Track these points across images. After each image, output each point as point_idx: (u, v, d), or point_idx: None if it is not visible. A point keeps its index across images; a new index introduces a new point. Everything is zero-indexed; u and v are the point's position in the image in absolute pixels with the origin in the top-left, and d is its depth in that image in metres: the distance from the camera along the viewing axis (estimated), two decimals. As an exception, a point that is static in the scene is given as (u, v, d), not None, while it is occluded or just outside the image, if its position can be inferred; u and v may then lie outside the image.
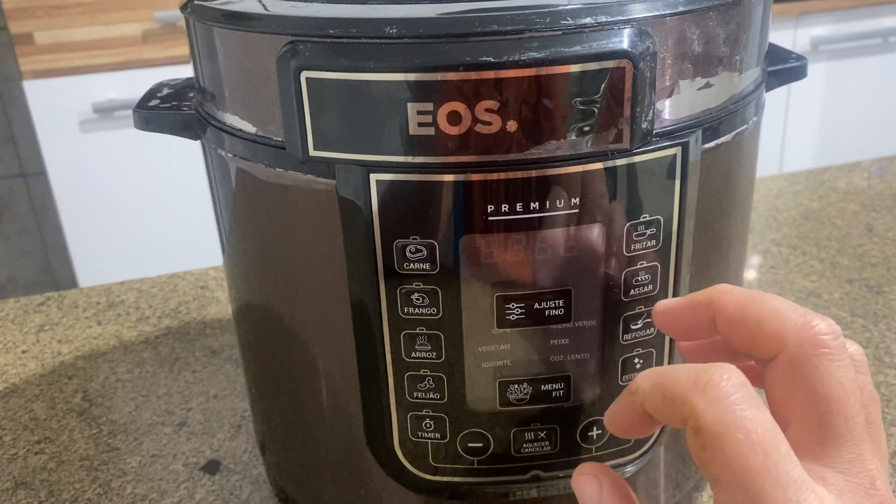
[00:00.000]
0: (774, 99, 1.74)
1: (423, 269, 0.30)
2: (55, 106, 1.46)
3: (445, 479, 0.35)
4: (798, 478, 0.22)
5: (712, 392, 0.23)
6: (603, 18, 0.27)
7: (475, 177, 0.29)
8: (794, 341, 0.24)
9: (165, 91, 0.40)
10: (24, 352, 0.62)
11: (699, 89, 0.31)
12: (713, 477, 0.23)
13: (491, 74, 0.27)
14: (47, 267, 1.88)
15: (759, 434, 0.22)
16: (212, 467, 0.49)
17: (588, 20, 0.27)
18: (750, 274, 0.68)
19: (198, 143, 0.38)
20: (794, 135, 1.81)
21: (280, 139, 0.31)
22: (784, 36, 1.69)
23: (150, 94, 0.40)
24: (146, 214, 1.54)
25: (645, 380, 0.25)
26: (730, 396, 0.23)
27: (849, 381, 0.24)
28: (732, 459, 0.22)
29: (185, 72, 0.38)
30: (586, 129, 0.28)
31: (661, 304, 0.29)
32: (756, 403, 0.23)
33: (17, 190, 1.81)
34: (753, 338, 0.25)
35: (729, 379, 0.23)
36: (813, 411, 0.24)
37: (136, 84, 1.33)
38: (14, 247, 1.85)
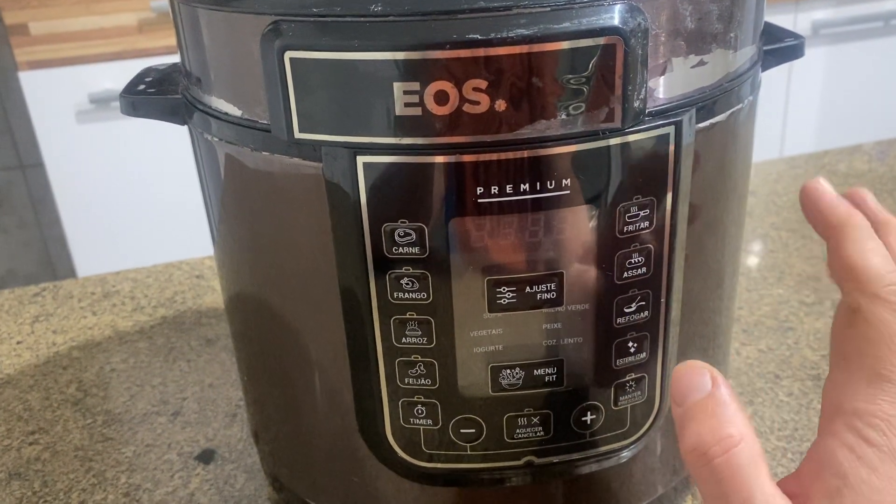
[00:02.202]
0: (775, 82, 1.73)
1: (412, 254, 0.30)
2: (51, 97, 1.45)
3: (439, 465, 0.34)
4: None
5: (888, 294, 0.27)
6: (593, -6, 0.27)
7: (464, 158, 0.28)
8: (867, 285, 0.28)
9: (152, 76, 0.40)
10: (18, 342, 0.62)
11: (693, 67, 0.30)
12: (843, 353, 0.27)
13: (479, 52, 0.26)
14: (46, 258, 1.88)
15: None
16: (206, 456, 0.49)
17: (577, -4, 0.27)
18: (750, 258, 0.68)
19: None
20: (794, 118, 1.80)
21: (266, 122, 0.30)
22: (785, 20, 1.67)
23: (138, 79, 0.40)
24: (143, 204, 1.53)
25: (847, 238, 0.29)
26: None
27: (889, 327, 0.27)
28: (869, 347, 0.27)
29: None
30: (577, 108, 0.28)
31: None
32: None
33: (15, 181, 1.80)
34: (842, 268, 0.29)
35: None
36: (867, 351, 0.27)
37: (132, 74, 1.32)
38: (13, 238, 1.85)
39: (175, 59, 0.38)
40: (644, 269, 0.31)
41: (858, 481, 0.25)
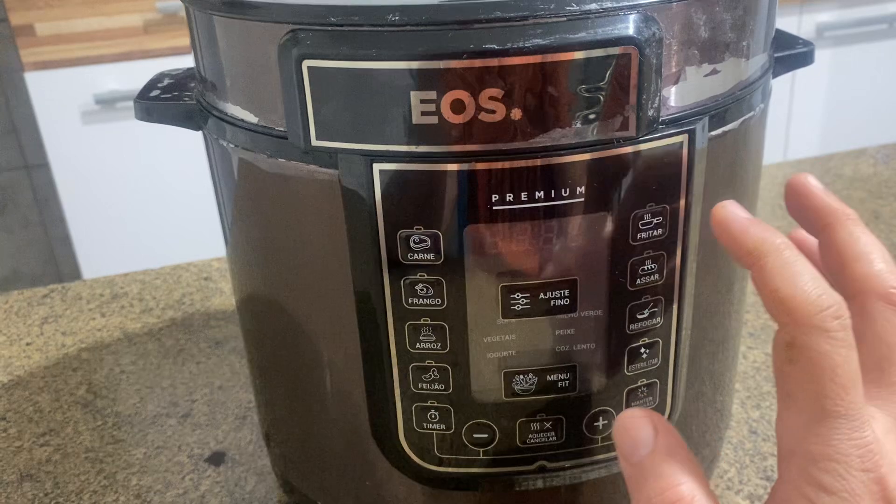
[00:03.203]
0: (779, 86, 1.72)
1: (427, 260, 0.30)
2: (57, 97, 1.45)
3: (451, 470, 0.34)
4: (863, 416, 0.24)
5: (822, 322, 0.24)
6: (608, 4, 0.27)
7: (479, 166, 0.29)
8: (873, 290, 0.27)
9: (166, 81, 0.40)
10: (28, 344, 0.62)
11: (706, 76, 0.30)
12: (787, 391, 0.25)
13: (495, 62, 0.27)
14: (51, 259, 1.88)
15: (843, 371, 0.24)
16: (216, 459, 0.49)
17: (593, 6, 0.27)
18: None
19: (200, 134, 0.38)
20: (799, 122, 1.80)
21: (282, 129, 0.31)
22: (789, 22, 1.68)
23: (151, 84, 0.40)
24: (149, 205, 1.54)
25: (769, 268, 0.26)
26: (834, 332, 0.24)
27: (843, 361, 0.25)
28: (811, 384, 0.24)
29: (187, 62, 0.37)
30: (592, 116, 0.28)
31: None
32: (851, 345, 0.25)
33: (20, 182, 1.81)
34: (842, 270, 0.28)
35: (842, 318, 0.24)
36: (873, 354, 0.26)
37: (137, 75, 1.33)
38: (18, 239, 1.85)
39: (182, 60, 0.38)
40: (657, 276, 0.32)
41: None
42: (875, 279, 0.27)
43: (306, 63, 0.28)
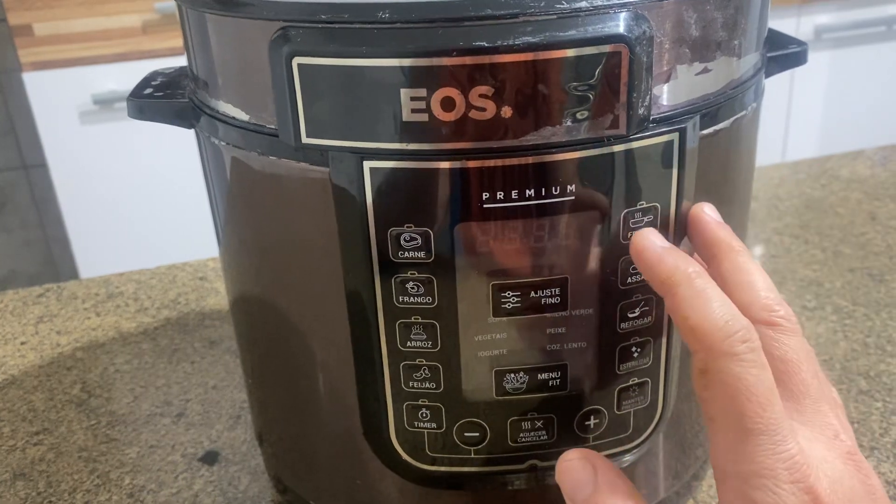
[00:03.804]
0: (777, 87, 1.73)
1: (417, 258, 0.30)
2: (55, 98, 1.45)
3: (442, 468, 0.34)
4: (784, 430, 0.25)
5: (731, 347, 0.25)
6: (599, 2, 0.27)
7: (470, 164, 0.28)
8: (756, 317, 0.28)
9: (159, 80, 0.40)
10: (22, 343, 0.62)
11: (697, 74, 0.30)
12: (709, 416, 0.26)
13: (485, 59, 0.27)
14: (49, 259, 1.88)
15: (757, 389, 0.25)
16: (210, 458, 0.49)
17: (584, 4, 0.27)
18: (751, 263, 0.68)
19: (195, 134, 0.38)
20: (797, 123, 1.80)
21: (273, 127, 0.31)
22: (787, 24, 1.68)
23: (145, 82, 0.40)
24: (147, 205, 1.54)
25: (679, 298, 0.27)
26: (743, 354, 0.25)
27: (800, 350, 0.28)
28: (729, 406, 0.25)
29: (185, 62, 0.37)
30: (582, 114, 0.28)
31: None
32: (762, 364, 0.26)
33: (18, 182, 1.81)
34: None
35: (749, 341, 0.26)
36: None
37: (135, 75, 1.32)
38: (15, 239, 1.85)
39: (179, 60, 0.38)
40: (648, 275, 0.31)
41: None
42: (756, 306, 0.28)
43: (296, 60, 0.28)
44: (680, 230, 0.32)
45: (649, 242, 0.29)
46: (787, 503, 0.24)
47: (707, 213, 0.31)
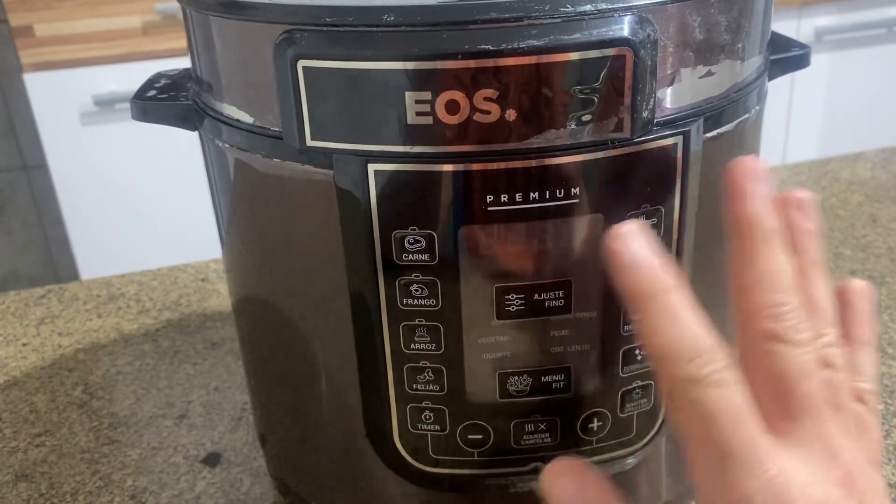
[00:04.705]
0: (778, 89, 1.73)
1: (421, 260, 0.30)
2: (56, 99, 1.45)
3: (445, 471, 0.34)
4: (758, 453, 0.24)
5: (694, 371, 0.24)
6: (603, 5, 0.27)
7: (474, 166, 0.29)
8: (754, 326, 0.26)
9: (163, 82, 0.40)
10: (24, 344, 0.62)
11: (701, 77, 0.30)
12: (682, 437, 0.25)
13: (489, 63, 0.27)
14: (49, 260, 1.88)
15: (724, 415, 0.24)
16: (212, 460, 0.49)
17: (588, 7, 0.27)
18: (752, 265, 0.68)
19: (197, 135, 0.38)
20: (797, 125, 1.80)
21: (277, 129, 0.31)
22: (787, 26, 1.68)
23: (148, 84, 0.40)
24: (148, 207, 1.54)
25: (648, 316, 0.25)
26: (705, 379, 0.24)
27: (805, 366, 0.26)
28: (698, 430, 0.24)
29: (186, 64, 0.37)
30: (586, 117, 0.28)
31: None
32: (728, 385, 0.24)
33: (19, 183, 1.81)
34: (736, 294, 0.27)
35: (712, 363, 0.24)
36: (768, 387, 0.25)
37: (136, 76, 1.32)
38: (16, 240, 1.85)
39: (180, 61, 0.38)
40: (651, 278, 0.31)
41: None
42: (757, 314, 0.26)
43: (301, 63, 0.28)
44: (684, 233, 0.32)
45: (625, 247, 0.26)
46: None
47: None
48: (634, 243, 0.26)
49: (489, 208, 0.29)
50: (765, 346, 0.26)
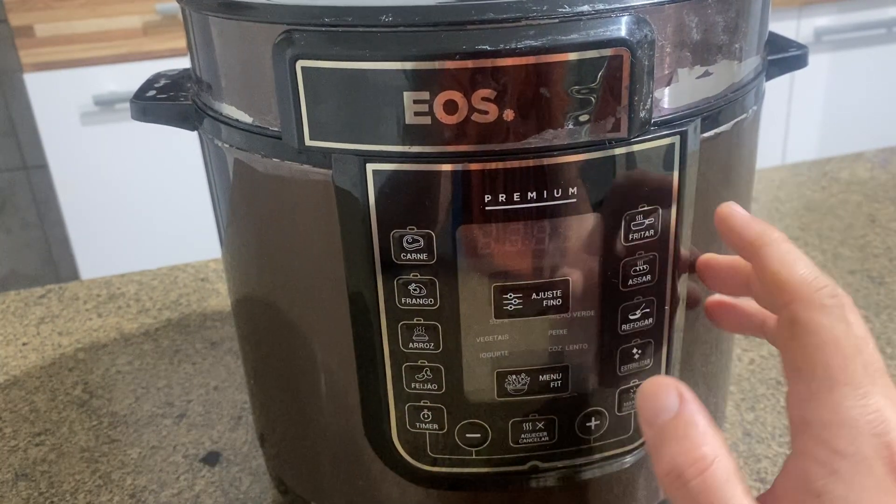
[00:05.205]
0: (777, 89, 1.73)
1: (420, 260, 0.30)
2: (56, 99, 1.45)
3: (444, 469, 0.34)
4: (866, 385, 0.26)
5: (821, 299, 0.26)
6: (600, 6, 0.27)
7: (472, 166, 0.29)
8: (801, 297, 0.27)
9: (162, 82, 0.40)
10: (24, 344, 0.62)
11: (698, 78, 0.30)
12: (794, 366, 0.27)
13: (487, 63, 0.27)
14: (49, 259, 1.88)
15: (845, 343, 0.26)
16: (211, 459, 0.49)
17: (585, 8, 0.27)
18: (751, 265, 0.68)
19: (196, 135, 0.38)
20: (797, 125, 1.80)
21: (276, 129, 0.31)
22: (787, 27, 1.68)
23: (148, 84, 0.40)
24: (148, 207, 1.54)
25: (770, 255, 0.28)
26: (832, 308, 0.26)
27: (843, 334, 0.27)
28: (817, 356, 0.26)
29: (186, 64, 0.37)
30: (584, 117, 0.28)
31: (705, 258, 0.32)
32: (849, 321, 0.26)
33: (19, 183, 1.81)
34: (773, 282, 0.28)
35: (838, 296, 0.27)
36: (816, 359, 0.26)
37: (136, 76, 1.32)
38: (16, 239, 1.85)
39: (180, 61, 0.39)
40: (649, 277, 0.32)
41: (834, 498, 0.24)
42: (802, 286, 0.28)
43: (300, 63, 0.28)
44: (681, 233, 0.32)
45: (736, 209, 0.30)
46: (867, 453, 0.25)
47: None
48: (739, 208, 0.30)
49: (487, 208, 0.29)
50: (812, 315, 0.27)
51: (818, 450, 0.25)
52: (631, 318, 0.32)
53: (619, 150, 0.29)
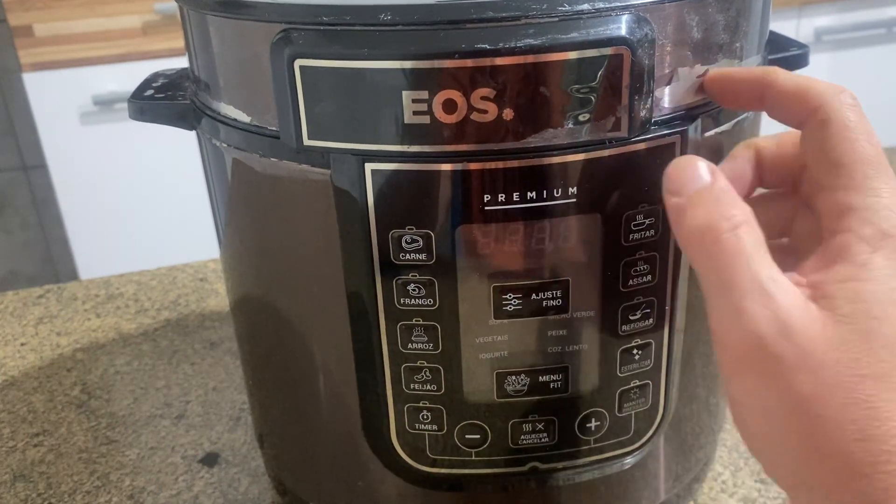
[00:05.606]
0: (777, 90, 1.73)
1: (419, 260, 0.30)
2: (55, 98, 1.45)
3: (443, 470, 0.34)
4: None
5: (845, 99, 0.27)
6: (600, 4, 0.27)
7: (471, 166, 0.28)
8: (829, 98, 0.28)
9: (160, 81, 0.40)
10: (23, 344, 0.62)
11: (699, 77, 0.30)
12: (832, 163, 0.27)
13: (487, 62, 0.27)
14: (48, 259, 1.88)
15: (874, 136, 0.27)
16: (210, 460, 0.49)
17: (585, 6, 0.27)
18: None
19: (195, 135, 0.38)
20: (796, 126, 1.80)
21: (275, 129, 0.31)
22: (787, 26, 1.68)
23: (146, 84, 0.40)
24: (147, 206, 1.54)
25: (786, 78, 0.29)
26: (852, 107, 0.27)
27: (871, 128, 0.27)
28: (853, 148, 0.27)
29: (186, 63, 0.37)
30: (583, 117, 0.28)
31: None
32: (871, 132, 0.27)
33: (18, 183, 1.81)
34: (798, 99, 0.28)
35: (858, 105, 0.27)
36: (855, 149, 0.27)
37: (136, 76, 1.32)
38: (15, 239, 1.85)
39: (179, 61, 0.38)
40: (649, 277, 0.31)
41: (876, 267, 0.25)
42: (826, 91, 0.28)
43: (298, 62, 0.28)
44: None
45: (726, 68, 0.31)
46: None
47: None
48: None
49: (486, 207, 0.29)
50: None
51: (864, 229, 0.26)
52: (631, 318, 0.32)
53: (619, 150, 0.29)
